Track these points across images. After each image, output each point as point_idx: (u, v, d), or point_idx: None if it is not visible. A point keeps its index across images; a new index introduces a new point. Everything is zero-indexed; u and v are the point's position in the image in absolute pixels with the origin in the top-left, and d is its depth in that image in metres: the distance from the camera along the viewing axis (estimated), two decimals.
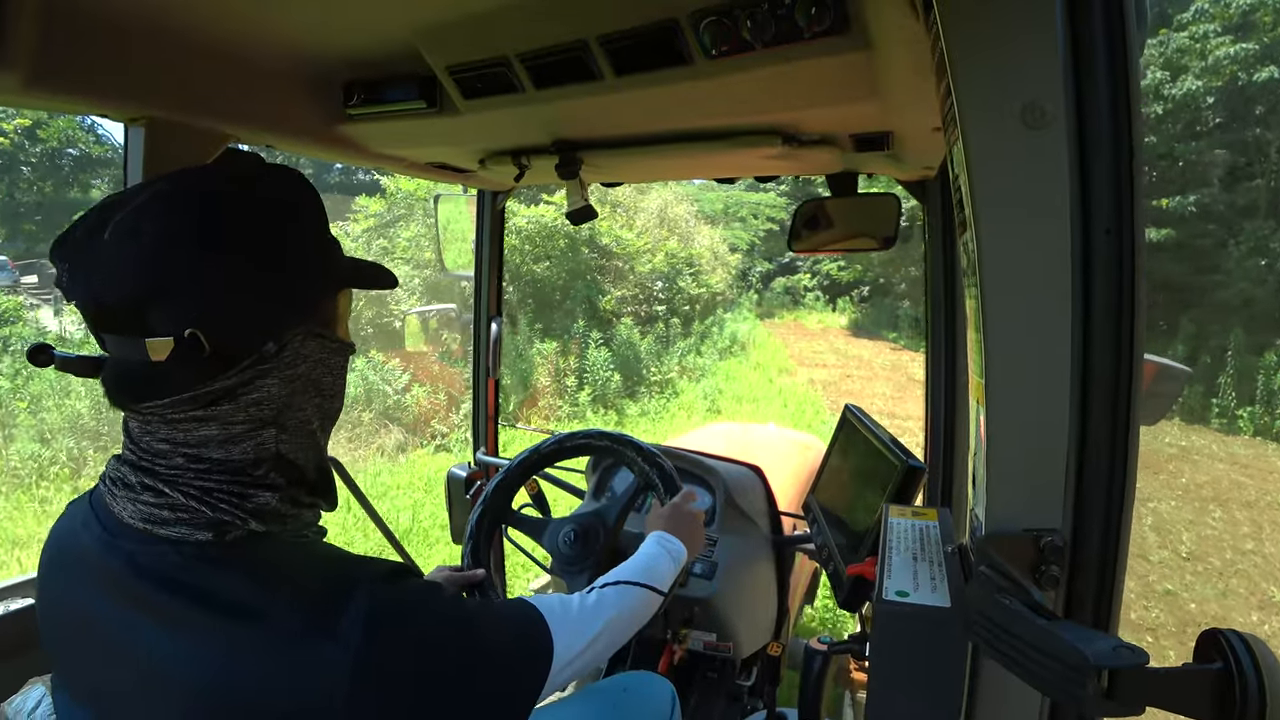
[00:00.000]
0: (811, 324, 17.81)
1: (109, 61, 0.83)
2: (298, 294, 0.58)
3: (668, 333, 10.75)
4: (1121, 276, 0.45)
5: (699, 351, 11.05)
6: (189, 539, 0.54)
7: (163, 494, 0.54)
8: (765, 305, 18.83)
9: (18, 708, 0.61)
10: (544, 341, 8.60)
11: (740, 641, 1.47)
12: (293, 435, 0.60)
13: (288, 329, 0.57)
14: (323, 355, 0.61)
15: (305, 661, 0.50)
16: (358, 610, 0.52)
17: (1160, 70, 12.10)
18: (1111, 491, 0.47)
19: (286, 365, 0.57)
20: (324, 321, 0.62)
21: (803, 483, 2.23)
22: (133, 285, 0.51)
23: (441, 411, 7.27)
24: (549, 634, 0.65)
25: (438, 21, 0.84)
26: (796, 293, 20.14)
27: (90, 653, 0.56)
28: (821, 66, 0.74)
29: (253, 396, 0.56)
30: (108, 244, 0.51)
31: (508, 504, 1.29)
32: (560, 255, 9.56)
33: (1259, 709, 0.34)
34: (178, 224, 0.52)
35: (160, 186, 0.54)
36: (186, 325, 0.50)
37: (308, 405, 0.61)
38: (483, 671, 0.58)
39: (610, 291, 10.30)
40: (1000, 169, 0.46)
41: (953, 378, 1.46)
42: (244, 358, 0.54)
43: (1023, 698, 0.51)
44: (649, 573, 0.86)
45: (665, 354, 10.07)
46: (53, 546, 0.62)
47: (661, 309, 11.07)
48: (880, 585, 0.51)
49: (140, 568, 0.53)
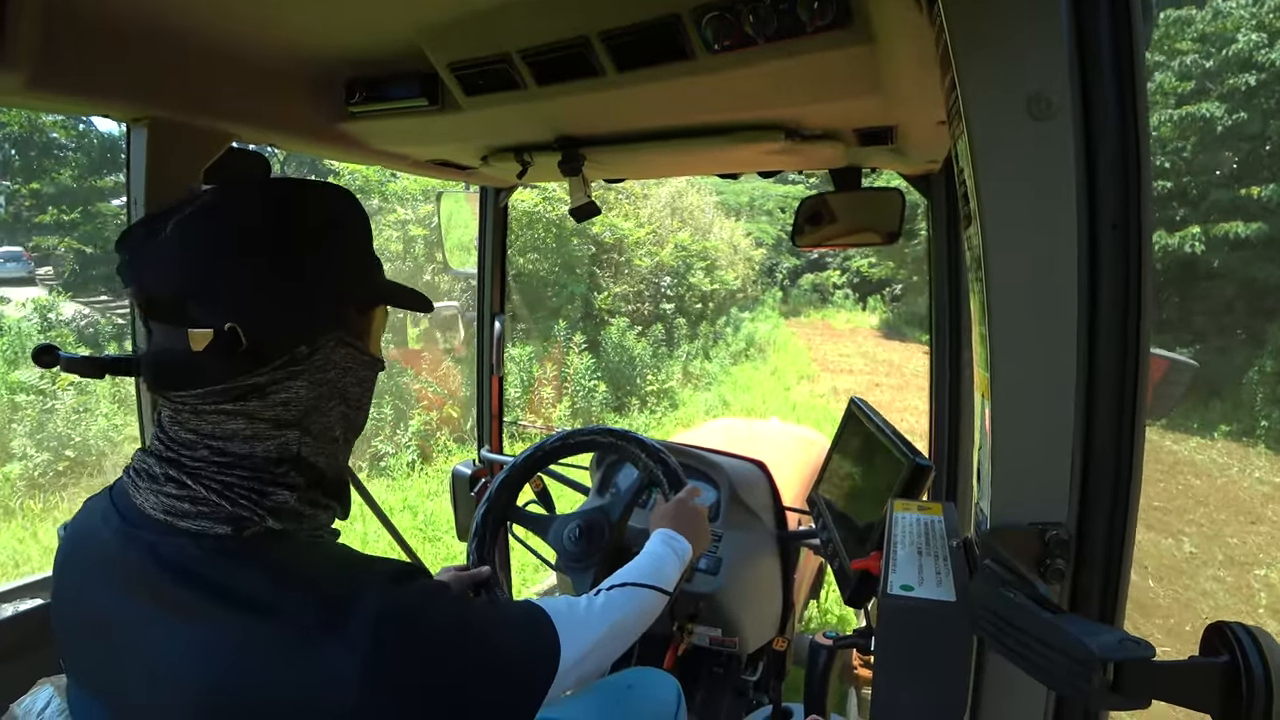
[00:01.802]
0: (840, 324, 16.88)
1: (111, 62, 0.83)
2: (334, 304, 0.61)
3: (671, 334, 9.75)
4: (1128, 271, 0.45)
5: (707, 355, 10.19)
6: (208, 532, 0.55)
7: (185, 486, 0.56)
8: (792, 303, 18.17)
9: (27, 708, 0.61)
10: (519, 345, 7.62)
11: (745, 637, 1.47)
12: (316, 439, 0.62)
13: (321, 335, 0.60)
14: (352, 365, 0.63)
15: (314, 661, 0.51)
16: (367, 612, 0.53)
17: (1254, 33, 9.97)
18: (1117, 485, 0.47)
19: (316, 369, 0.60)
20: (356, 333, 0.64)
21: (807, 478, 2.23)
22: (181, 281, 0.55)
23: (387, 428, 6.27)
24: (555, 637, 0.66)
25: (439, 19, 0.84)
26: (825, 290, 19.26)
27: (105, 648, 0.57)
28: (824, 61, 0.74)
29: (281, 396, 0.58)
30: (162, 243, 0.55)
31: (512, 501, 1.30)
32: (544, 246, 8.54)
33: (1265, 702, 0.34)
34: (227, 231, 0.56)
35: (213, 197, 0.58)
36: (227, 320, 0.53)
37: (333, 412, 0.63)
38: (488, 675, 0.59)
39: (608, 288, 9.28)
40: (1005, 162, 0.45)
41: (957, 372, 1.46)
42: (277, 357, 0.57)
43: (1028, 691, 0.51)
44: (655, 573, 0.87)
45: (669, 358, 9.17)
46: (69, 544, 0.63)
47: (669, 307, 10.12)
48: (885, 580, 0.51)
49: (160, 559, 0.55)
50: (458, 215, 2.01)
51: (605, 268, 9.43)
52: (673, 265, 10.35)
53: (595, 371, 7.54)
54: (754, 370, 10.26)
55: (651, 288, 10.08)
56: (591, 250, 8.97)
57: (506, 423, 1.99)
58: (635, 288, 9.72)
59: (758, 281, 15.30)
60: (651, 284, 10.08)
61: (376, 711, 0.51)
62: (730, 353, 10.70)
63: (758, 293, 15.17)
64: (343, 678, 0.50)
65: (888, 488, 0.96)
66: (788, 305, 17.68)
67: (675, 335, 9.80)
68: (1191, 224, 10.07)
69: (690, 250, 10.75)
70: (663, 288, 10.28)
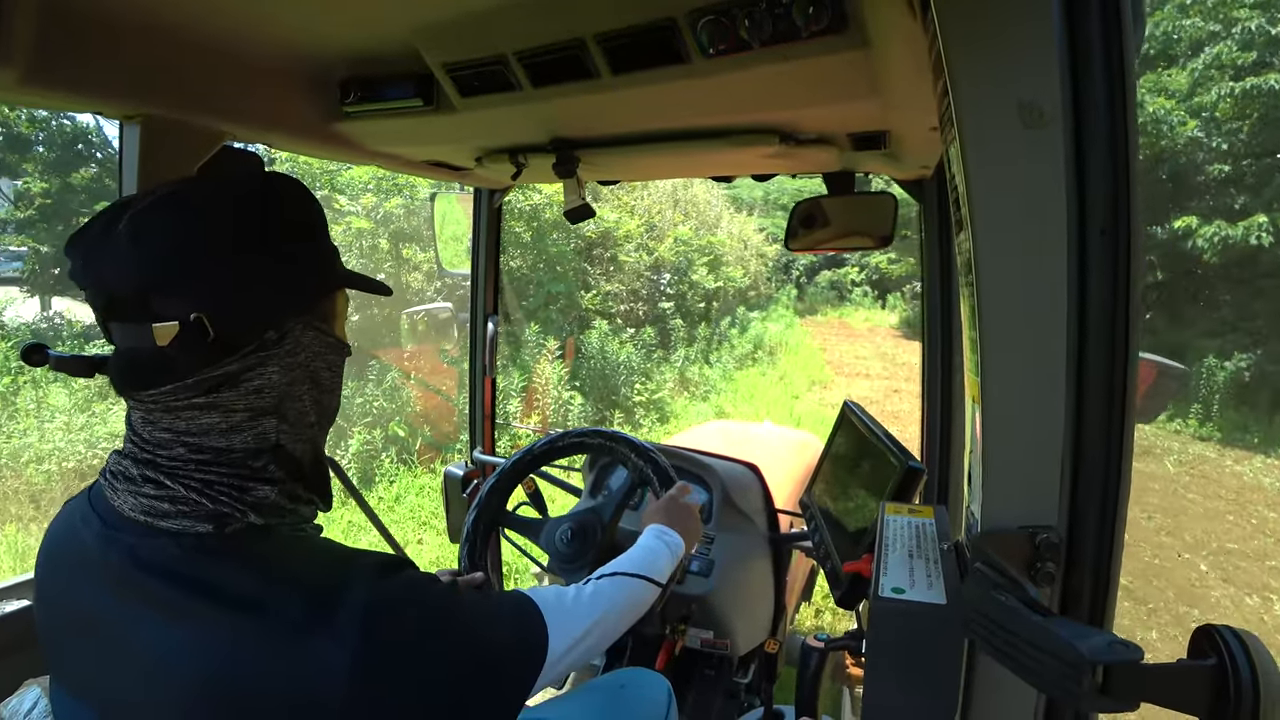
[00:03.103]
0: (858, 323, 15.71)
1: (105, 59, 0.83)
2: (299, 288, 0.61)
3: (667, 338, 8.72)
4: (1117, 276, 0.45)
5: (707, 360, 9.10)
6: (189, 531, 0.55)
7: (163, 486, 0.55)
8: (808, 301, 17.37)
9: (14, 709, 0.61)
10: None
11: (737, 639, 1.47)
12: (292, 426, 0.61)
13: (288, 319, 0.60)
14: (320, 349, 0.63)
15: (304, 655, 0.51)
16: (355, 604, 0.53)
17: None
18: (1107, 488, 0.47)
19: (287, 354, 0.59)
20: (322, 317, 0.64)
21: (800, 481, 2.24)
22: (142, 274, 0.53)
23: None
24: (544, 627, 0.66)
25: (435, 20, 0.84)
26: (843, 287, 18.28)
27: (91, 649, 0.57)
28: (819, 65, 0.74)
29: (254, 384, 0.57)
30: (120, 235, 0.53)
31: (502, 507, 1.30)
32: (521, 241, 7.20)
33: (1252, 704, 0.34)
34: (187, 219, 0.55)
35: (173, 187, 0.57)
36: (192, 311, 0.53)
37: (306, 396, 0.62)
38: (477, 667, 0.59)
39: (597, 286, 8.28)
40: (997, 168, 0.46)
41: (949, 376, 1.47)
42: (246, 344, 0.56)
43: (1018, 693, 0.51)
44: (646, 564, 0.87)
45: (665, 363, 8.18)
46: (50, 545, 0.62)
47: (668, 306, 9.16)
48: (876, 582, 0.52)
49: (141, 560, 0.54)
50: (450, 216, 2.01)
51: (596, 264, 8.45)
52: (673, 261, 9.46)
53: (573, 380, 6.56)
54: (760, 376, 9.24)
55: (649, 286, 9.21)
56: (575, 245, 7.92)
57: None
58: (630, 286, 8.83)
59: (771, 279, 14.61)
60: (649, 282, 9.20)
61: (367, 704, 0.51)
62: (734, 356, 9.73)
63: (771, 290, 14.39)
64: (333, 671, 0.50)
65: (880, 490, 0.96)
66: (803, 303, 16.92)
67: (672, 338, 8.84)
68: (1256, 212, 8.56)
69: (691, 245, 9.82)
70: (661, 285, 9.44)
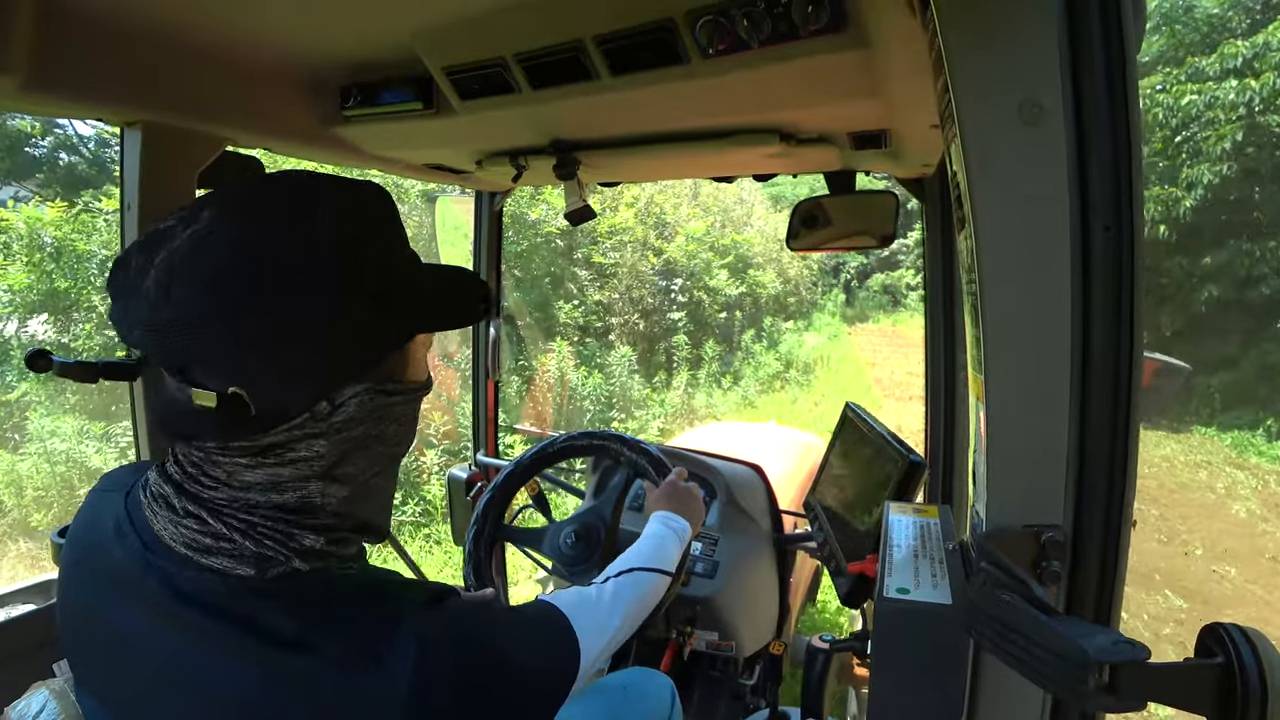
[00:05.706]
0: (913, 332, 13.13)
1: (105, 65, 0.83)
2: (360, 350, 0.53)
3: (670, 358, 7.28)
4: (1120, 273, 0.45)
5: (720, 384, 7.55)
6: (231, 571, 0.52)
7: (206, 523, 0.52)
8: (859, 307, 15.79)
9: (21, 712, 0.61)
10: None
11: (742, 640, 1.47)
12: (344, 485, 0.57)
13: (344, 387, 0.53)
14: (386, 409, 0.57)
15: (355, 695, 0.50)
16: (405, 643, 0.51)
17: None
18: (1112, 487, 0.47)
19: (339, 428, 0.53)
20: (389, 374, 0.57)
21: (804, 481, 2.23)
22: (172, 346, 0.48)
23: None
24: (576, 642, 0.65)
25: (434, 23, 0.84)
26: (897, 291, 16.19)
27: (125, 669, 0.55)
28: (819, 65, 0.74)
29: (300, 454, 0.53)
30: (150, 291, 0.48)
31: (500, 521, 1.30)
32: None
33: (1260, 703, 0.34)
34: (222, 281, 0.47)
35: (199, 228, 0.49)
36: (229, 385, 0.48)
37: (361, 459, 0.57)
38: (522, 694, 0.58)
39: (584, 296, 6.97)
40: (998, 166, 0.46)
41: (952, 375, 1.46)
42: (294, 415, 0.51)
43: (1024, 693, 0.51)
44: (658, 555, 0.88)
45: (665, 388, 6.79)
46: (77, 552, 0.60)
47: (679, 317, 7.73)
48: (881, 582, 0.51)
49: (183, 593, 0.52)
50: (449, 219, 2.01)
51: (591, 269, 7.39)
52: (684, 265, 8.06)
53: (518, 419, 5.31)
54: (792, 401, 7.65)
55: (657, 293, 7.80)
56: (556, 246, 6.88)
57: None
58: (629, 294, 7.50)
59: (817, 283, 13.34)
60: (656, 288, 7.80)
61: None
62: (759, 378, 8.06)
63: (815, 295, 13.10)
64: (386, 711, 0.49)
65: (883, 488, 0.96)
66: (853, 309, 15.45)
67: (674, 359, 7.41)
68: None
69: (708, 244, 8.44)
70: (673, 291, 8.01)
